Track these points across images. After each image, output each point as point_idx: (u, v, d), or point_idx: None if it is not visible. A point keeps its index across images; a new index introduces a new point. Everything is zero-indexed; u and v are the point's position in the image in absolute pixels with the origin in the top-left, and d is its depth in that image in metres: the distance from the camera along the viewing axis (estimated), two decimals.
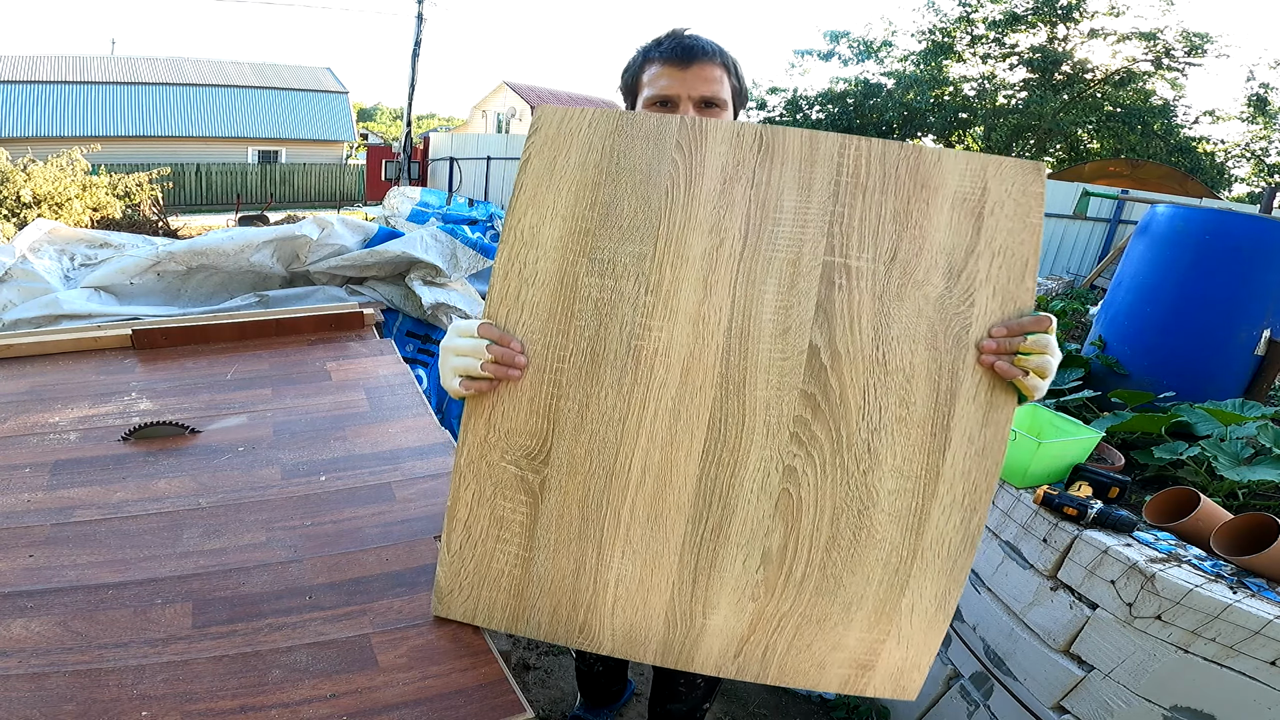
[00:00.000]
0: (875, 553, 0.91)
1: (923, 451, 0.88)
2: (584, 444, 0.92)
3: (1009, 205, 0.84)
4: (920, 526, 0.89)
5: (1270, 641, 1.20)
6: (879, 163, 0.86)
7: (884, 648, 0.95)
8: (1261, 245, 2.25)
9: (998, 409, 0.86)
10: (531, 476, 0.94)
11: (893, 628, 0.93)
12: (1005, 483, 1.69)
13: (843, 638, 0.95)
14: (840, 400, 0.88)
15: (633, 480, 0.92)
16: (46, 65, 16.94)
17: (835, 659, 0.96)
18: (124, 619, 0.98)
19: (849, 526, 0.90)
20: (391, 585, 1.10)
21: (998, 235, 0.85)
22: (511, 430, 0.93)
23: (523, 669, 2.07)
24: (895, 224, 0.86)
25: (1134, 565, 1.35)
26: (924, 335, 0.86)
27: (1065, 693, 1.49)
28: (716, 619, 0.96)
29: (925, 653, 0.94)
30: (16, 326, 2.09)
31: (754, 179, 0.87)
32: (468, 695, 0.91)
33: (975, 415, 0.86)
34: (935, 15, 14.46)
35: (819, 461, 0.89)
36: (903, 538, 0.90)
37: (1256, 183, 13.71)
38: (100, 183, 8.27)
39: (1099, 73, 13.68)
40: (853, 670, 0.97)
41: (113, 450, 1.43)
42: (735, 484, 0.91)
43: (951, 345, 0.86)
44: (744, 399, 0.88)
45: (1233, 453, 1.76)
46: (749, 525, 0.92)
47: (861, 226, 0.86)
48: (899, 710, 1.99)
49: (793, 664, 0.98)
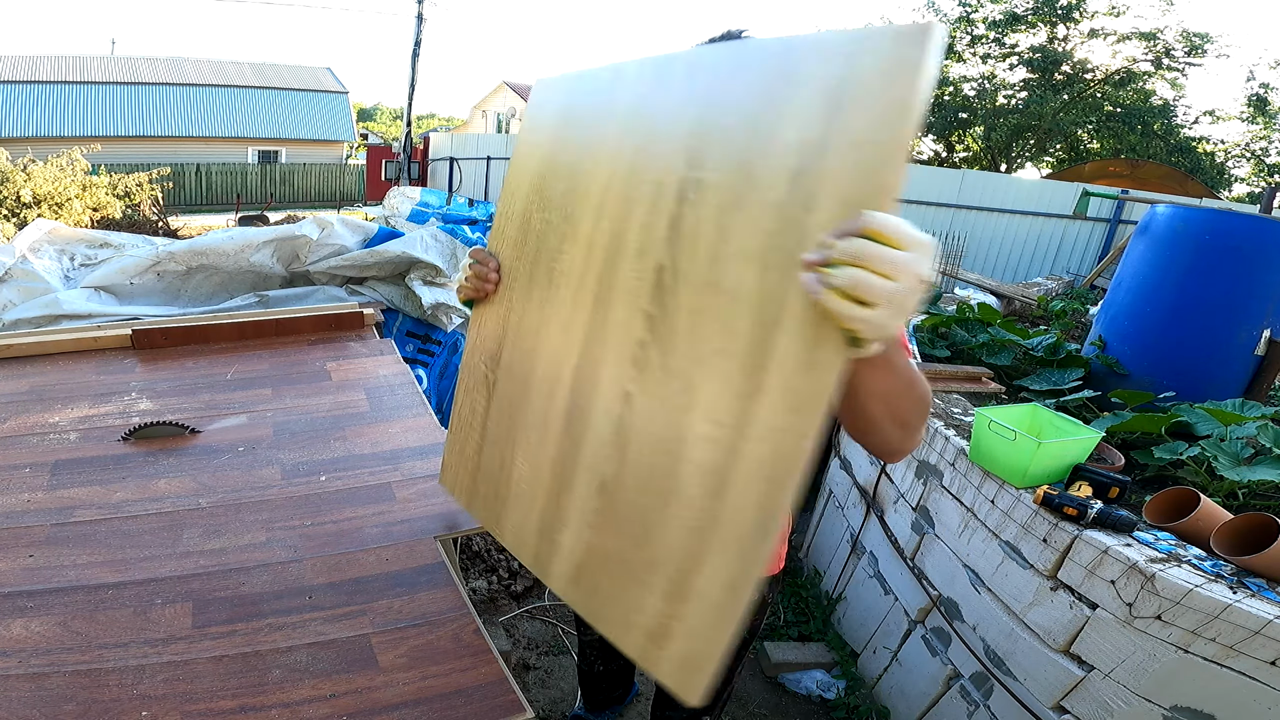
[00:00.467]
0: (679, 510, 0.78)
1: (736, 396, 0.72)
2: (518, 352, 1.05)
3: (876, 83, 0.63)
4: (722, 490, 0.74)
5: (1270, 641, 1.20)
6: (741, 65, 0.78)
7: (674, 629, 0.79)
8: (1261, 245, 2.25)
9: (822, 351, 0.64)
10: (490, 375, 1.12)
11: (685, 609, 0.78)
12: (1005, 483, 1.69)
13: (643, 600, 0.82)
14: (672, 325, 0.80)
15: (535, 389, 1.00)
16: (46, 65, 16.94)
17: (637, 622, 0.83)
18: (124, 619, 0.98)
19: (662, 471, 0.80)
20: (391, 585, 1.10)
21: (855, 121, 0.64)
22: (485, 336, 1.13)
23: (523, 669, 2.07)
24: (750, 126, 0.74)
25: (1134, 565, 1.35)
26: (757, 251, 0.71)
27: (1065, 693, 1.49)
28: (566, 539, 0.93)
29: (712, 648, 0.74)
30: (16, 326, 2.09)
31: (644, 108, 0.89)
32: (468, 695, 0.91)
33: (795, 356, 0.67)
34: (935, 15, 14.46)
35: (649, 390, 0.82)
36: (704, 499, 0.75)
37: (1256, 183, 13.70)
38: (100, 183, 8.26)
39: (1099, 73, 13.67)
40: (648, 642, 0.82)
41: (113, 450, 1.43)
42: (591, 404, 0.90)
43: (783, 262, 0.68)
44: (606, 318, 0.88)
45: (1233, 453, 1.76)
46: (595, 449, 0.88)
47: (722, 135, 0.77)
48: (899, 710, 1.99)
49: (609, 611, 0.88)
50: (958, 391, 2.40)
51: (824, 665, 2.23)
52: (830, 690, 2.14)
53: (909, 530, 2.10)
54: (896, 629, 2.06)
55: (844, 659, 2.23)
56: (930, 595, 1.93)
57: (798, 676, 2.19)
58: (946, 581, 1.88)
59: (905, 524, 2.12)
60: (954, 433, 1.97)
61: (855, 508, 2.45)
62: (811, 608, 2.47)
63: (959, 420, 2.10)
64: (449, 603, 1.08)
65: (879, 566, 2.23)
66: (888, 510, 2.24)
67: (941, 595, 1.89)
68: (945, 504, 1.93)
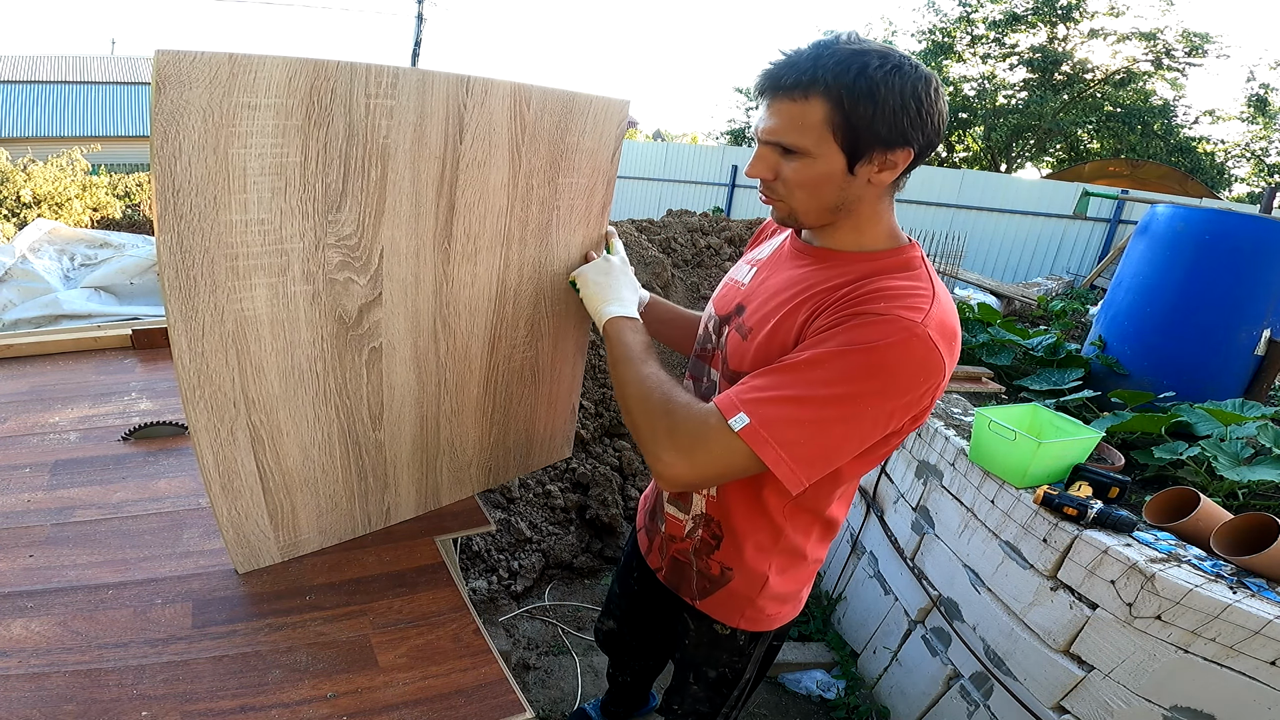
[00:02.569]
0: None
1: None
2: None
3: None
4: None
5: (1270, 641, 1.20)
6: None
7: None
8: (1261, 245, 2.25)
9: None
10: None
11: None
12: (1005, 483, 1.69)
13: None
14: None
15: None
16: (46, 65, 16.93)
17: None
18: (124, 619, 0.98)
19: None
20: (391, 585, 1.10)
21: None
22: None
23: (523, 669, 2.07)
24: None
25: (1134, 565, 1.35)
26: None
27: (1065, 693, 1.49)
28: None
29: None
30: (16, 326, 2.09)
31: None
32: (468, 695, 0.91)
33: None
34: (935, 15, 14.45)
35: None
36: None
37: (1256, 183, 13.69)
38: (100, 183, 8.25)
39: (1099, 73, 13.66)
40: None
41: (113, 450, 1.43)
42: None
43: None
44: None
45: (1233, 453, 1.76)
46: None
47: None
48: (899, 710, 1.99)
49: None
50: (958, 391, 2.40)
51: (824, 665, 2.23)
52: (830, 690, 2.14)
53: (909, 530, 2.10)
54: (896, 629, 2.06)
55: (844, 659, 2.23)
56: (930, 595, 1.93)
57: (798, 676, 2.19)
58: (946, 581, 1.88)
59: (905, 524, 2.12)
60: (954, 433, 1.97)
61: (855, 508, 2.45)
62: (811, 608, 2.47)
63: (959, 420, 2.10)
64: (449, 603, 1.08)
65: (879, 566, 2.23)
66: (887, 510, 2.25)
67: (941, 595, 1.89)
68: (945, 504, 1.93)
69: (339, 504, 1.15)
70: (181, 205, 0.79)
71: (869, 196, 0.88)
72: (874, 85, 0.79)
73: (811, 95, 0.81)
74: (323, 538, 1.16)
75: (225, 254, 0.85)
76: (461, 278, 1.12)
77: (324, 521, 1.15)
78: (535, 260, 1.22)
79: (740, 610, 1.11)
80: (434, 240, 1.05)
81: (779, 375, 0.82)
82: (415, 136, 0.95)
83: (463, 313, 1.16)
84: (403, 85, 0.90)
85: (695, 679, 1.24)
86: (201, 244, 0.83)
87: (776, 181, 0.89)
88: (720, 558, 1.08)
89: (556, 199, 1.19)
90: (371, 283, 1.01)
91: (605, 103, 1.18)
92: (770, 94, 0.85)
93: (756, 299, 0.98)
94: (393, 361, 1.10)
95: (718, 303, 1.08)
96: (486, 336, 1.22)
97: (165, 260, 0.81)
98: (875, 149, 0.83)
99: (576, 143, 1.16)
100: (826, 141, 0.83)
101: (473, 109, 0.99)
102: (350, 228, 0.95)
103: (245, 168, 0.82)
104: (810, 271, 0.93)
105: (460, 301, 1.14)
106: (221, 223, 0.83)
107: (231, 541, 1.04)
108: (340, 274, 0.97)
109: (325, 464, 1.09)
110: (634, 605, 1.40)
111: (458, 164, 1.02)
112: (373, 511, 1.21)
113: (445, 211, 1.04)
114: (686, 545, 1.13)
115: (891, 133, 0.81)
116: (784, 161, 0.87)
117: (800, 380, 0.80)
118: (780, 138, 0.85)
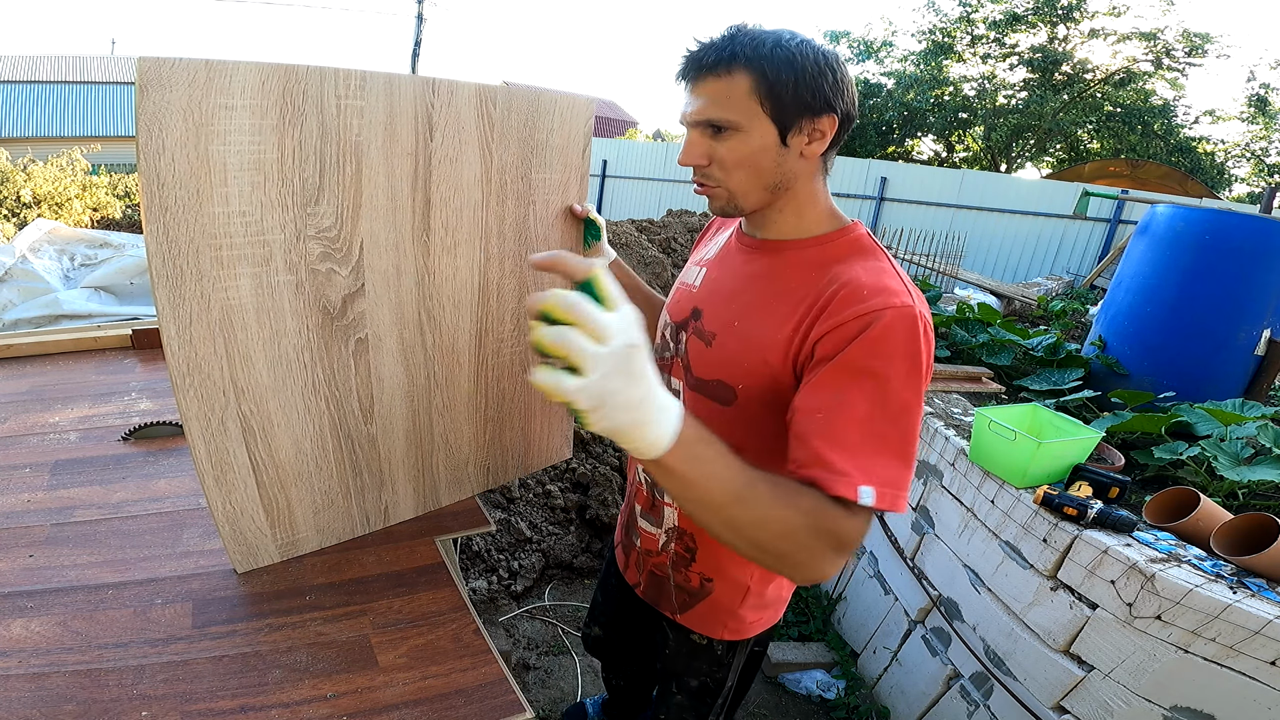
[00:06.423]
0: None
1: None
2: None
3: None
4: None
5: (1270, 641, 1.20)
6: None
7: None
8: (1261, 245, 2.25)
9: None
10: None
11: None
12: (1005, 483, 1.69)
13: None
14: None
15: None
16: (46, 65, 16.92)
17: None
18: (124, 619, 0.98)
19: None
20: (391, 585, 1.10)
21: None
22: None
23: (523, 669, 2.07)
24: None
25: (1134, 565, 1.35)
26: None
27: (1065, 693, 1.49)
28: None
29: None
30: (16, 326, 2.09)
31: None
32: (468, 695, 0.91)
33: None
34: (935, 15, 14.45)
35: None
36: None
37: (1256, 183, 13.69)
38: (100, 183, 8.25)
39: (1099, 73, 13.66)
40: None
41: (113, 450, 1.43)
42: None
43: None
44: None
45: (1233, 453, 1.76)
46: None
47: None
48: (899, 710, 1.99)
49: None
50: (958, 391, 2.40)
51: (824, 665, 2.23)
52: (830, 690, 2.14)
53: (909, 530, 2.10)
54: (896, 629, 2.06)
55: (844, 659, 2.23)
56: (930, 595, 1.93)
57: (798, 676, 2.19)
58: (946, 581, 1.88)
59: (905, 524, 2.12)
60: (954, 433, 1.97)
61: None
62: (811, 608, 2.47)
63: (959, 420, 2.10)
64: (449, 603, 1.08)
65: (879, 566, 2.23)
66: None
67: (941, 595, 1.89)
68: (945, 504, 1.93)
69: (335, 501, 1.15)
70: (167, 198, 0.83)
71: (804, 173, 0.88)
72: (790, 54, 0.82)
73: (734, 69, 0.83)
74: (321, 537, 1.16)
75: (210, 244, 0.88)
76: (443, 270, 1.14)
77: (321, 520, 1.14)
78: (516, 254, 1.24)
79: (722, 622, 1.10)
80: (413, 233, 1.08)
81: (861, 427, 0.75)
82: (387, 135, 0.99)
83: (447, 305, 1.17)
84: (370, 87, 0.95)
85: (678, 688, 1.23)
86: (187, 234, 0.86)
87: (711, 166, 0.88)
88: (699, 569, 1.07)
89: (531, 194, 1.22)
90: (354, 274, 1.03)
91: (571, 100, 1.22)
92: (694, 75, 0.86)
93: (713, 302, 0.96)
94: (380, 353, 1.10)
95: (671, 309, 1.06)
96: (473, 330, 1.23)
97: (153, 250, 0.84)
98: (804, 116, 0.84)
99: (546, 139, 1.20)
100: (756, 114, 0.84)
101: (440, 108, 1.04)
102: (329, 220, 0.98)
103: (225, 163, 0.86)
104: (764, 268, 0.92)
105: (444, 294, 1.16)
106: (205, 215, 0.87)
107: (228, 538, 1.04)
108: (322, 265, 0.99)
109: (318, 458, 1.09)
110: (617, 613, 1.40)
111: (430, 160, 1.05)
112: (370, 511, 1.21)
113: (422, 205, 1.07)
114: (663, 559, 1.12)
115: (815, 98, 0.83)
116: (716, 143, 0.86)
117: (878, 416, 0.76)
118: (709, 115, 0.85)
